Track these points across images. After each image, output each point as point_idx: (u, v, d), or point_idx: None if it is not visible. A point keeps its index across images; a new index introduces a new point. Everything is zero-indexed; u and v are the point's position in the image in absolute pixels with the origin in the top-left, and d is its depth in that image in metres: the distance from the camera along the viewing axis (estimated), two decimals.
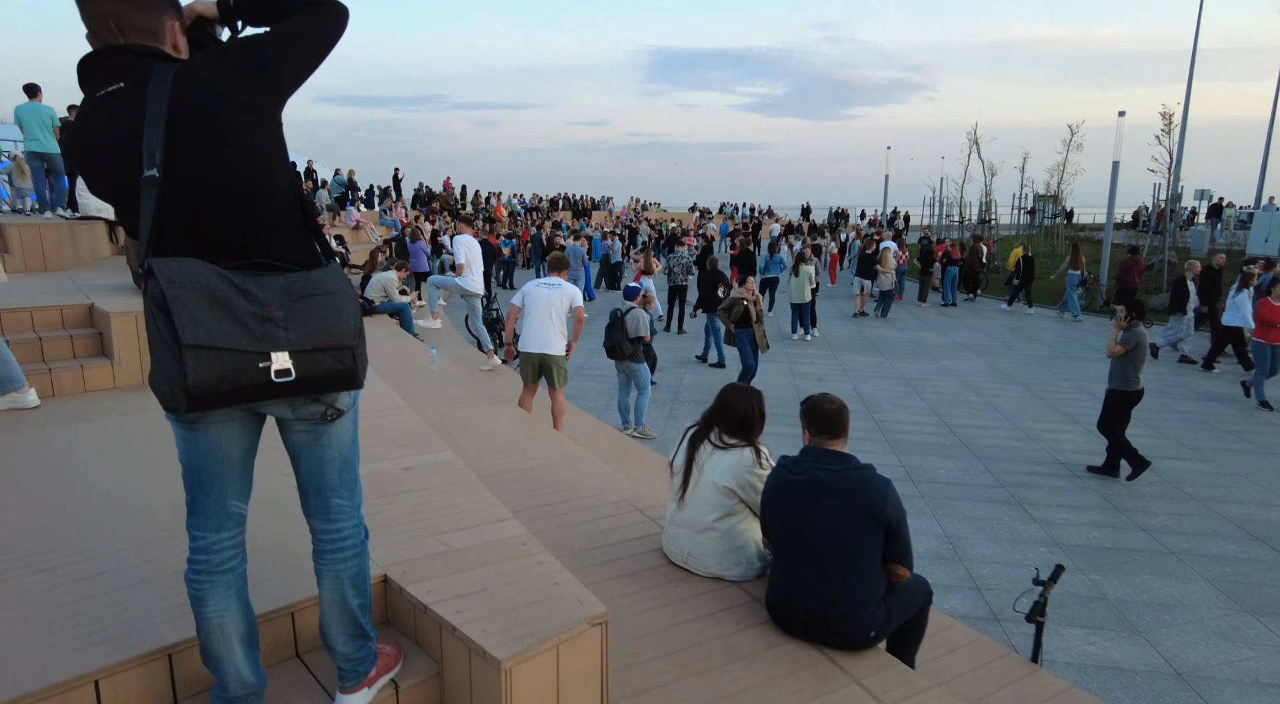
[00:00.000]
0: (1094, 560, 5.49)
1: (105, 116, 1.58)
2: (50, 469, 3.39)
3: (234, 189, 1.63)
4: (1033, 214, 36.61)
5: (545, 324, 6.42)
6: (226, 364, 1.52)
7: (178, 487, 3.03)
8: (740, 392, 3.38)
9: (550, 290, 6.51)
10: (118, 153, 1.57)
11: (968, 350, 13.75)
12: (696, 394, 10.26)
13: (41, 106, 9.14)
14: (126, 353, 4.81)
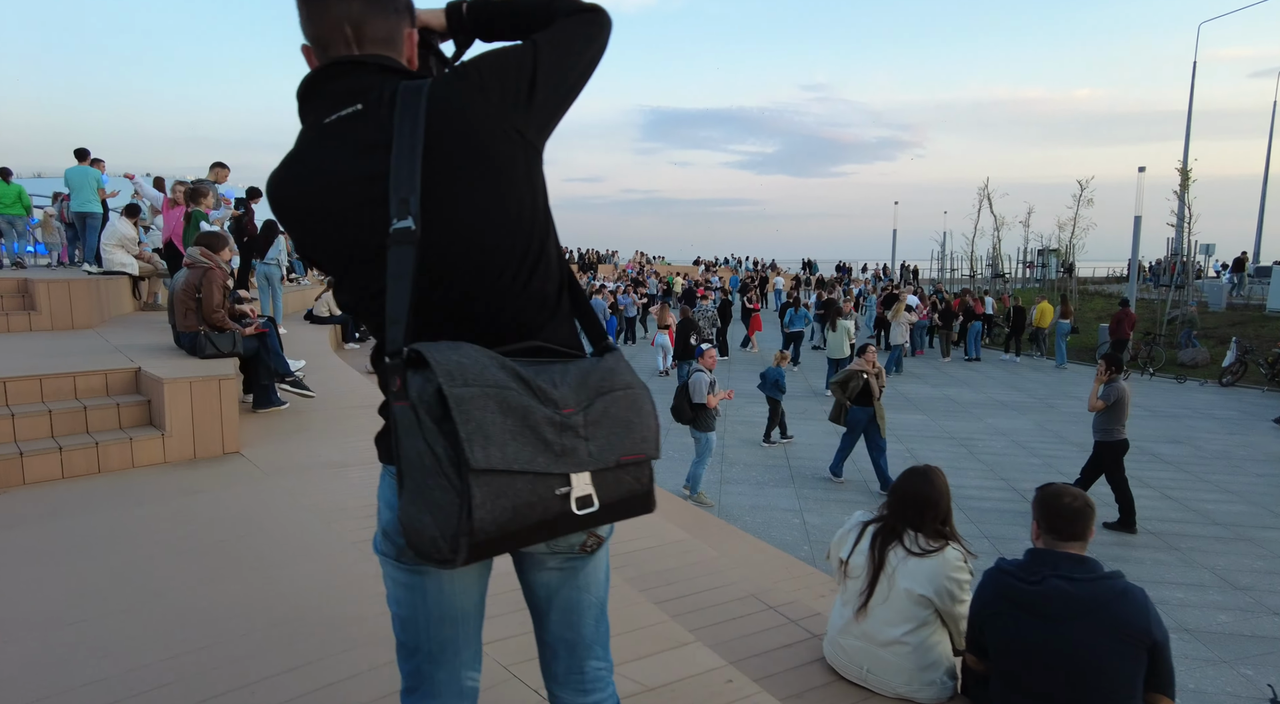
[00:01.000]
0: (1235, 650, 4.97)
1: (338, 150, 1.18)
2: (108, 570, 2.90)
3: (501, 247, 1.22)
4: (1031, 267, 36.81)
5: None
6: (520, 494, 1.07)
7: (265, 592, 2.55)
8: (927, 478, 2.91)
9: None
10: (355, 199, 1.17)
11: (1008, 407, 13.35)
12: (745, 454, 9.77)
13: (89, 170, 9.63)
14: (179, 424, 4.34)
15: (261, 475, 4.11)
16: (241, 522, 3.42)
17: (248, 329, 5.36)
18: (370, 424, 5.31)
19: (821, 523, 7.26)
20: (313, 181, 1.19)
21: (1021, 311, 19.93)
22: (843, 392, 8.41)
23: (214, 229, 6.24)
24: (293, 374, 5.64)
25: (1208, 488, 8.67)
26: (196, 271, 5.16)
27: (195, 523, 3.40)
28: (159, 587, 2.74)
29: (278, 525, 3.39)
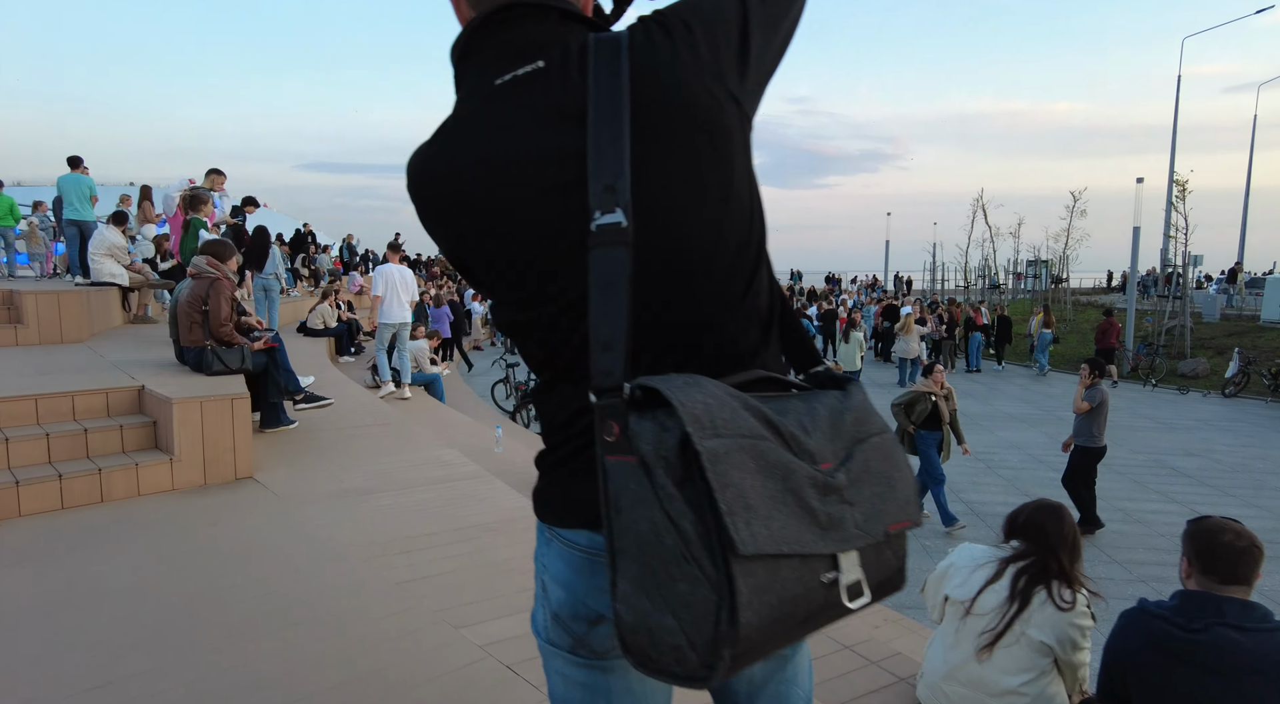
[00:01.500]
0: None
1: (514, 120, 0.90)
2: (128, 622, 2.56)
3: (722, 246, 0.94)
4: (1021, 277, 37.02)
5: None
6: (787, 585, 0.78)
7: (314, 650, 2.23)
8: (1061, 517, 2.64)
9: None
10: (539, 185, 0.88)
11: (1016, 420, 13.18)
12: None
13: (82, 178, 9.40)
14: (188, 447, 4.00)
15: (282, 504, 3.78)
16: (271, 561, 3.09)
17: (256, 343, 5.03)
18: (389, 445, 4.96)
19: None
20: (479, 161, 0.90)
21: (1007, 321, 20.08)
22: (907, 416, 7.30)
23: (219, 237, 5.90)
24: (304, 391, 5.31)
25: (1233, 502, 8.50)
26: (203, 282, 4.82)
27: (219, 562, 3.07)
28: (187, 643, 2.42)
29: (313, 565, 3.06)
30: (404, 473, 4.28)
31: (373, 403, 6.59)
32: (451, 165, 0.91)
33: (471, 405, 11.48)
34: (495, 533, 3.33)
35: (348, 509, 3.68)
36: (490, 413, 11.20)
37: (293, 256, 18.26)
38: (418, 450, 4.84)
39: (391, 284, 8.67)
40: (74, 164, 9.44)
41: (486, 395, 13.67)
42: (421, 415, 8.14)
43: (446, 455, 4.71)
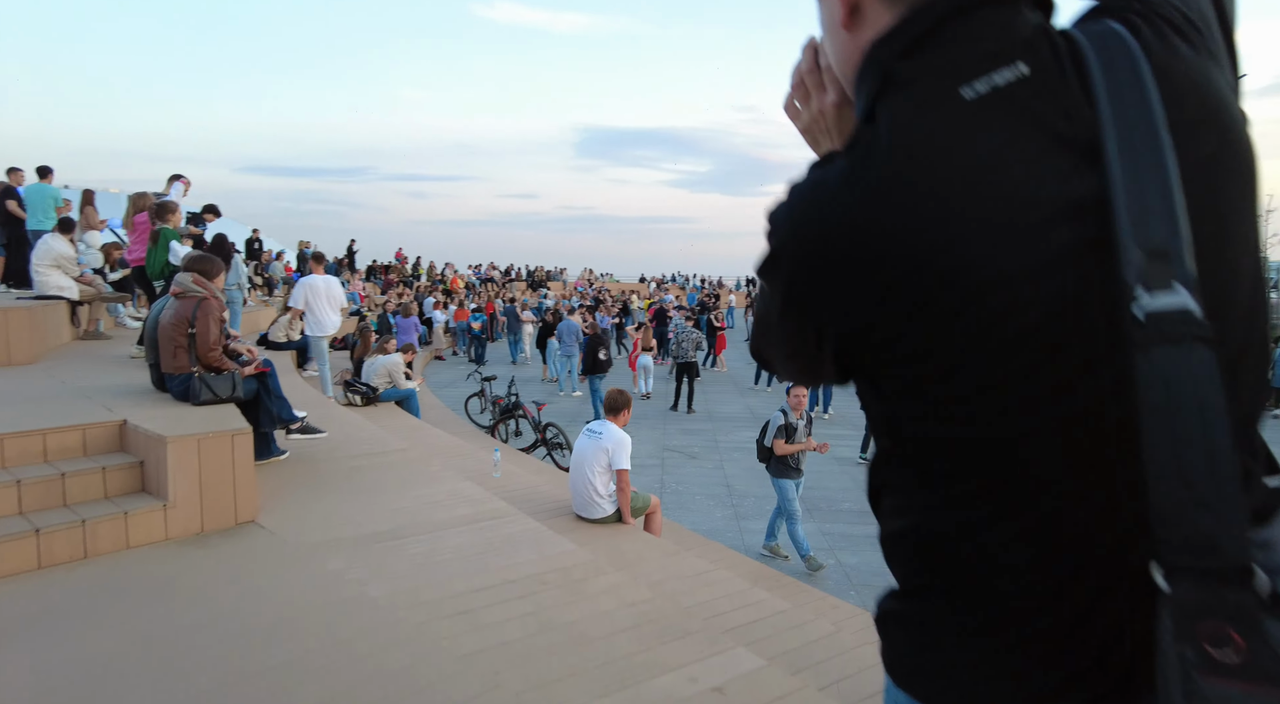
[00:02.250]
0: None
1: (1000, 150, 0.62)
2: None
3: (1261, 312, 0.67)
4: None
5: (582, 484, 5.10)
6: None
7: None
8: None
9: (589, 439, 5.22)
10: (1045, 249, 0.61)
11: None
12: (754, 485, 9.26)
13: (48, 188, 9.19)
14: (184, 491, 3.55)
15: (298, 554, 3.37)
16: (308, 630, 2.70)
17: (247, 369, 4.58)
18: (399, 478, 4.56)
19: (859, 563, 6.82)
20: (954, 211, 0.61)
21: None
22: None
23: (201, 252, 5.40)
24: (299, 420, 4.87)
25: None
26: (188, 302, 4.36)
27: (246, 636, 2.66)
28: None
29: (359, 635, 2.66)
30: (426, 512, 3.90)
31: (364, 427, 6.15)
32: (914, 213, 0.62)
33: (444, 420, 11.01)
34: (553, 587, 3.00)
35: (376, 558, 3.29)
36: (466, 428, 10.76)
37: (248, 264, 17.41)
38: (433, 483, 4.46)
39: (318, 294, 8.72)
40: (43, 174, 9.19)
41: (457, 409, 13.19)
42: (406, 436, 7.70)
43: (465, 489, 4.35)
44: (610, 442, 5.10)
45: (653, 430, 12.30)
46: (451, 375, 17.83)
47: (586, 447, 5.18)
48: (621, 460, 5.06)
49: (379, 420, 8.60)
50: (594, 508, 5.08)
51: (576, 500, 5.21)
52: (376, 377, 9.84)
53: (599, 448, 5.11)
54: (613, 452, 5.07)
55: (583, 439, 5.28)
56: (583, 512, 5.13)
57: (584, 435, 5.31)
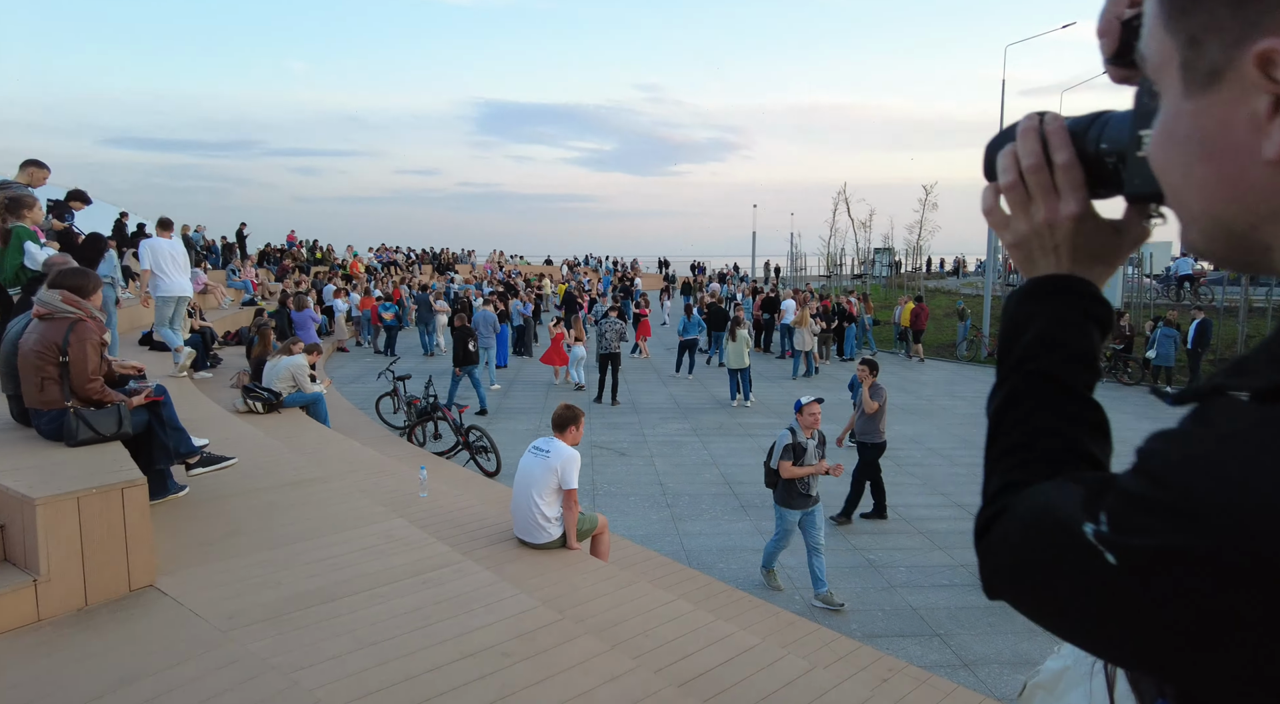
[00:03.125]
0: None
1: None
2: None
3: None
4: (865, 265, 39.29)
5: (526, 507, 4.71)
6: None
7: None
8: None
9: (535, 457, 4.79)
10: None
11: (904, 411, 13.68)
12: (686, 484, 9.07)
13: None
14: (60, 561, 2.97)
15: (211, 632, 2.87)
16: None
17: (135, 399, 3.95)
18: (320, 514, 4.08)
19: (800, 565, 6.75)
20: None
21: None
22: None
23: (67, 258, 4.65)
24: (199, 452, 4.27)
25: None
26: (57, 325, 3.68)
27: None
28: None
29: None
30: (359, 561, 3.45)
31: (273, 448, 5.54)
32: None
33: (354, 424, 10.31)
34: (518, 660, 2.64)
35: (309, 634, 2.83)
36: (379, 432, 10.11)
37: (120, 252, 15.80)
38: (362, 523, 3.99)
39: (161, 254, 8.69)
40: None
41: (366, 408, 12.42)
42: (319, 451, 7.07)
43: (400, 530, 3.90)
44: (559, 460, 4.71)
45: None
46: (357, 369, 16.85)
47: (533, 466, 4.76)
48: (571, 479, 4.68)
49: (285, 431, 7.89)
50: (539, 532, 4.70)
51: (519, 524, 4.82)
52: (279, 380, 9.05)
53: (547, 467, 4.71)
54: (563, 471, 4.67)
55: (528, 458, 4.86)
56: (526, 536, 4.75)
57: (530, 454, 4.88)
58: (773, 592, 6.14)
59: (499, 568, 4.21)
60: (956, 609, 5.93)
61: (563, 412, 5.00)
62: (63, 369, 3.64)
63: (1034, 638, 5.43)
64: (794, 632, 4.78)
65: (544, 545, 4.70)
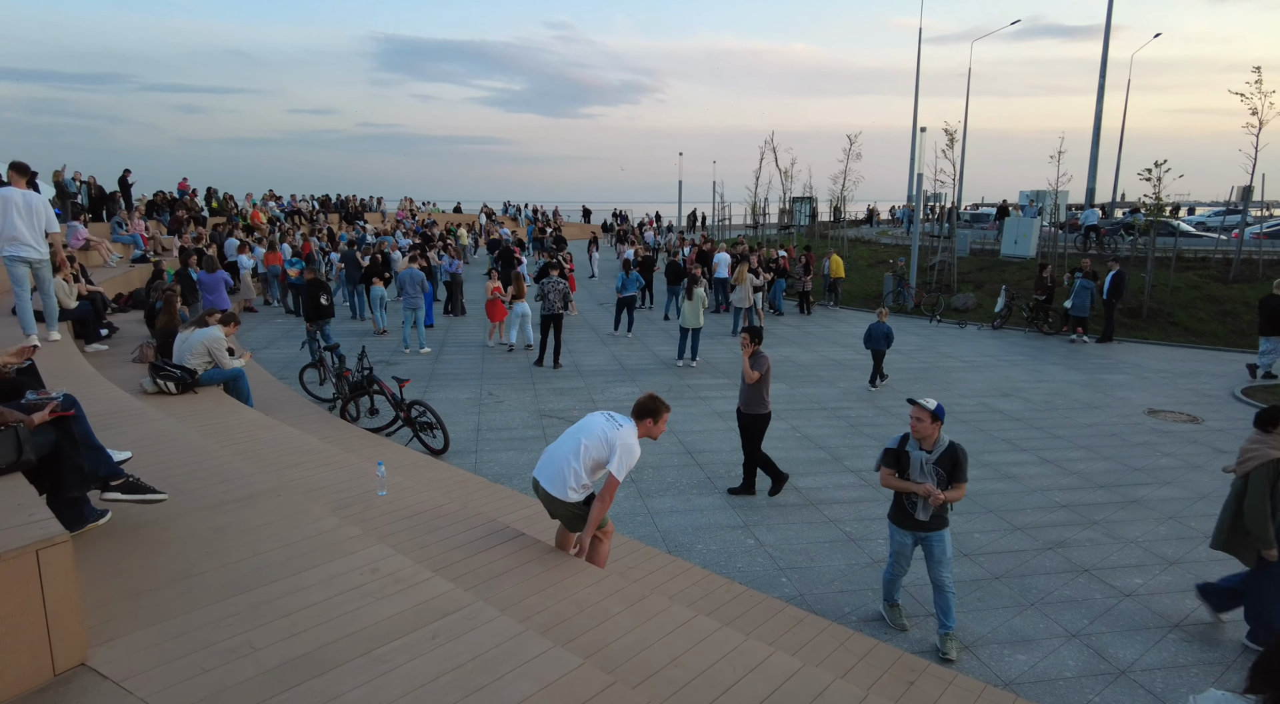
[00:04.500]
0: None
1: None
2: None
3: None
4: (787, 214, 39.49)
5: (563, 458, 4.34)
6: None
7: None
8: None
9: (605, 421, 4.38)
10: None
11: (848, 367, 13.72)
12: (648, 456, 8.68)
13: None
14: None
15: None
16: None
17: (36, 416, 3.19)
18: (278, 538, 3.44)
19: (778, 541, 6.53)
20: None
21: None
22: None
23: None
24: (123, 475, 3.54)
25: (1064, 445, 9.34)
26: None
27: None
28: None
29: None
30: (346, 609, 2.88)
31: (204, 447, 4.79)
32: None
33: (278, 399, 9.40)
34: None
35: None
36: (308, 408, 9.24)
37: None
38: (334, 549, 3.38)
39: (11, 208, 7.34)
40: None
41: (287, 378, 11.43)
42: (248, 439, 6.28)
43: (385, 559, 3.32)
44: (621, 441, 4.25)
45: (521, 392, 11.38)
46: (269, 333, 15.57)
47: (597, 427, 4.34)
48: (620, 467, 4.22)
49: (207, 417, 7.02)
50: (561, 487, 4.28)
51: (546, 467, 4.39)
52: (193, 356, 8.05)
53: (607, 439, 4.27)
54: (618, 453, 4.23)
55: (599, 417, 4.42)
56: (547, 482, 4.34)
57: (602, 415, 4.44)
58: (881, 623, 5.24)
59: (495, 585, 3.72)
60: None
61: (647, 402, 4.45)
62: None
63: (1024, 613, 5.39)
64: (805, 631, 4.53)
65: (556, 498, 4.30)
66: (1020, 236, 24.68)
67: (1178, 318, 17.75)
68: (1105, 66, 25.40)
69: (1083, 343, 16.47)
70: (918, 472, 4.78)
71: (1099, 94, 25.74)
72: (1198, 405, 11.38)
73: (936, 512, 4.82)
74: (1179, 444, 9.47)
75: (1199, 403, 11.54)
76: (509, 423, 9.83)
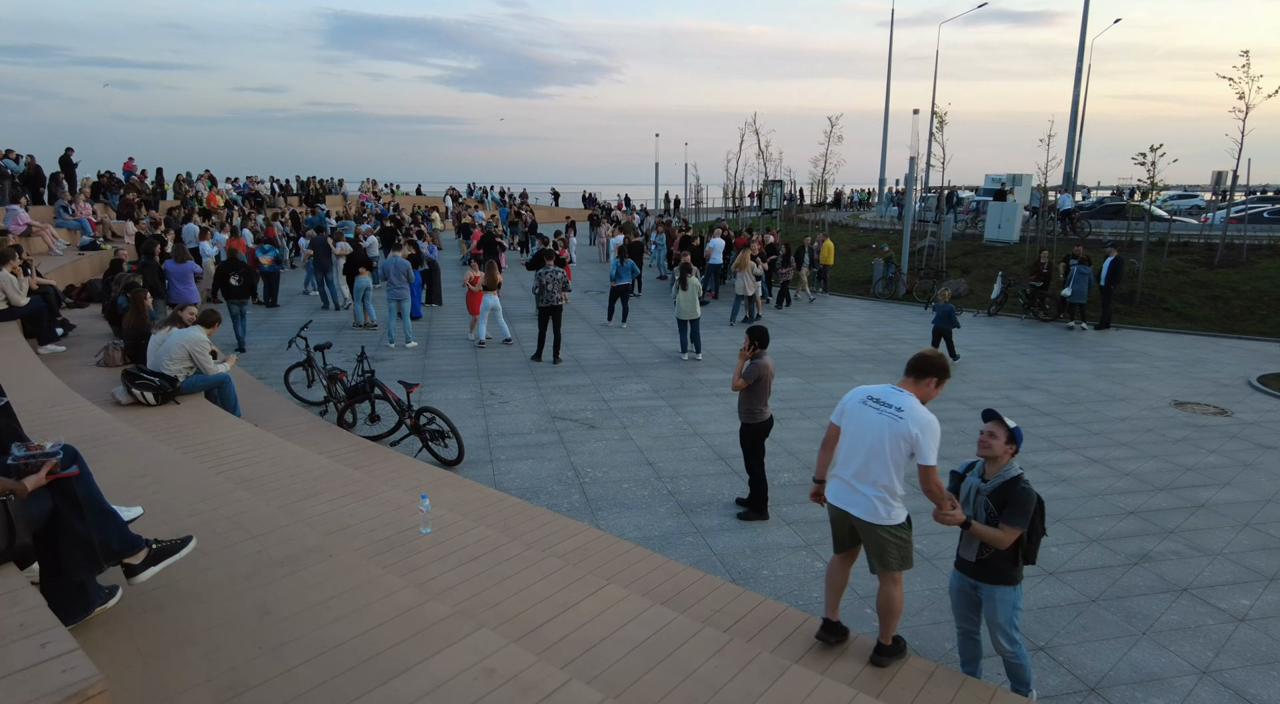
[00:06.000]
0: None
1: None
2: None
3: None
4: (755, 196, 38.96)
5: (874, 470, 3.74)
6: None
7: None
8: None
9: (879, 414, 3.75)
10: None
11: (854, 358, 13.25)
12: (671, 460, 8.01)
13: None
14: None
15: None
16: None
17: (32, 478, 2.38)
18: (374, 632, 2.60)
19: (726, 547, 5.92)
20: None
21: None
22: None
23: None
24: (143, 545, 2.75)
25: (1102, 443, 8.97)
26: None
27: None
28: None
29: None
30: None
31: (210, 482, 3.98)
32: None
33: (264, 405, 8.47)
34: None
35: None
36: (300, 415, 8.34)
37: None
38: (423, 640, 2.66)
39: None
40: None
41: (269, 379, 10.46)
42: (250, 460, 5.43)
43: (491, 651, 2.61)
44: (916, 426, 3.64)
45: (525, 391, 10.60)
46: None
47: (878, 425, 3.74)
48: (930, 453, 3.61)
49: (196, 434, 6.14)
50: (871, 509, 3.79)
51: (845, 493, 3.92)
52: (171, 360, 7.11)
53: (898, 433, 3.67)
54: (920, 441, 3.62)
55: (869, 412, 3.80)
56: (862, 511, 3.84)
57: (868, 406, 3.82)
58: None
59: (649, 689, 3.03)
60: (932, 592, 5.29)
61: (930, 356, 3.79)
62: None
63: (1138, 645, 4.91)
64: (911, 677, 3.93)
65: (875, 524, 3.81)
66: (1004, 221, 24.56)
67: (1170, 303, 17.72)
68: (1083, 51, 25.36)
69: (1081, 330, 16.30)
70: (966, 499, 3.89)
71: (1076, 78, 25.70)
72: (1219, 396, 11.17)
73: (988, 557, 3.79)
74: (1218, 439, 9.18)
75: (1219, 393, 11.33)
76: (519, 426, 9.07)
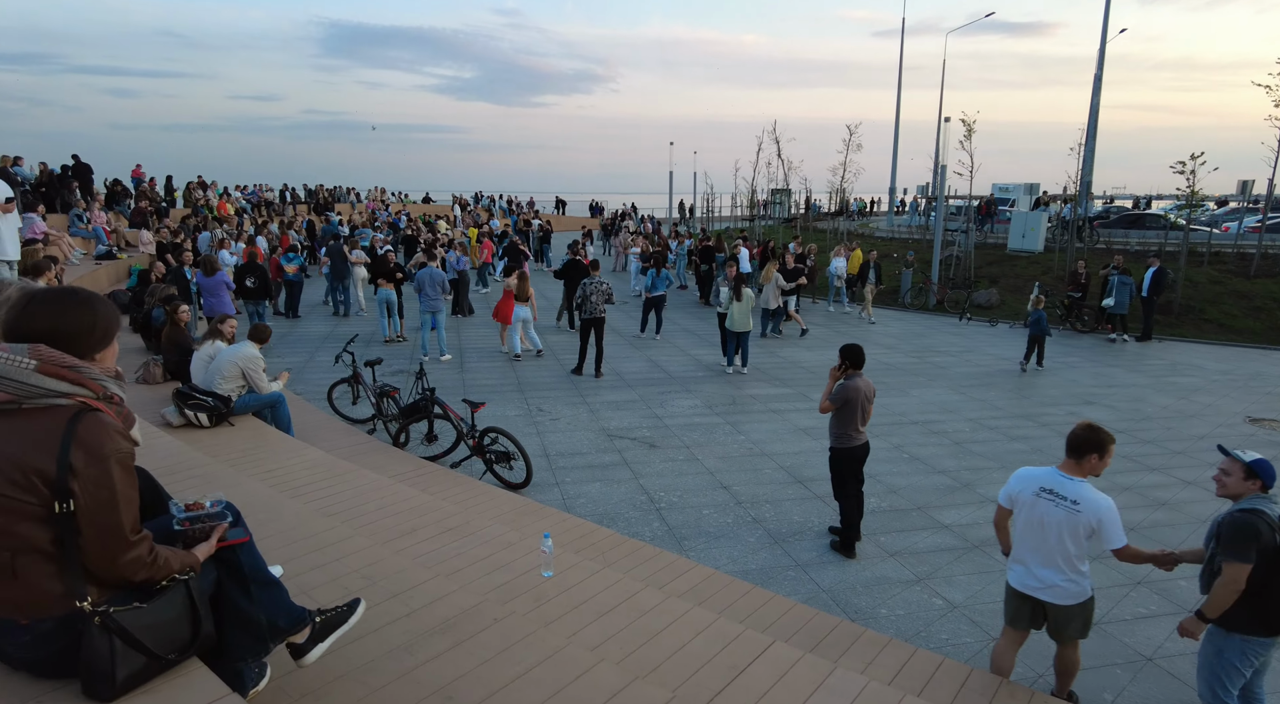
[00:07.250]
0: None
1: None
2: None
3: None
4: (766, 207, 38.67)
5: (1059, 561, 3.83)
6: None
7: None
8: None
9: (1055, 507, 3.81)
10: None
11: (903, 372, 12.84)
12: (747, 482, 7.58)
13: None
14: None
15: None
16: None
17: (200, 549, 1.94)
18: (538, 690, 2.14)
19: (968, 600, 5.49)
20: None
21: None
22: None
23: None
24: (309, 620, 2.31)
25: (1189, 463, 8.58)
26: (35, 423, 1.60)
27: None
28: None
29: None
30: None
31: (317, 528, 3.54)
32: None
33: (303, 421, 8.01)
34: None
35: None
36: (352, 435, 7.89)
37: None
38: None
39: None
40: None
41: (307, 392, 10.00)
42: (330, 490, 4.97)
43: None
44: (1094, 516, 3.68)
45: (575, 408, 10.15)
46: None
47: (1056, 518, 3.80)
48: (1117, 536, 3.68)
49: (261, 459, 5.70)
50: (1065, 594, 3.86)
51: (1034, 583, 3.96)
52: (224, 379, 6.67)
53: (1077, 523, 3.73)
54: (1104, 531, 3.68)
55: (1044, 504, 3.84)
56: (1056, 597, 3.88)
57: (1043, 498, 3.85)
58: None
59: None
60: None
61: (1088, 435, 3.73)
62: (62, 527, 1.59)
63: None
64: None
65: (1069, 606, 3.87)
66: (1028, 230, 24.27)
67: (1210, 314, 17.40)
68: (1103, 63, 25.11)
69: (1123, 342, 15.94)
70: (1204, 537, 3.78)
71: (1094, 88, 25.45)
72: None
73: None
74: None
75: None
76: (577, 446, 8.63)
